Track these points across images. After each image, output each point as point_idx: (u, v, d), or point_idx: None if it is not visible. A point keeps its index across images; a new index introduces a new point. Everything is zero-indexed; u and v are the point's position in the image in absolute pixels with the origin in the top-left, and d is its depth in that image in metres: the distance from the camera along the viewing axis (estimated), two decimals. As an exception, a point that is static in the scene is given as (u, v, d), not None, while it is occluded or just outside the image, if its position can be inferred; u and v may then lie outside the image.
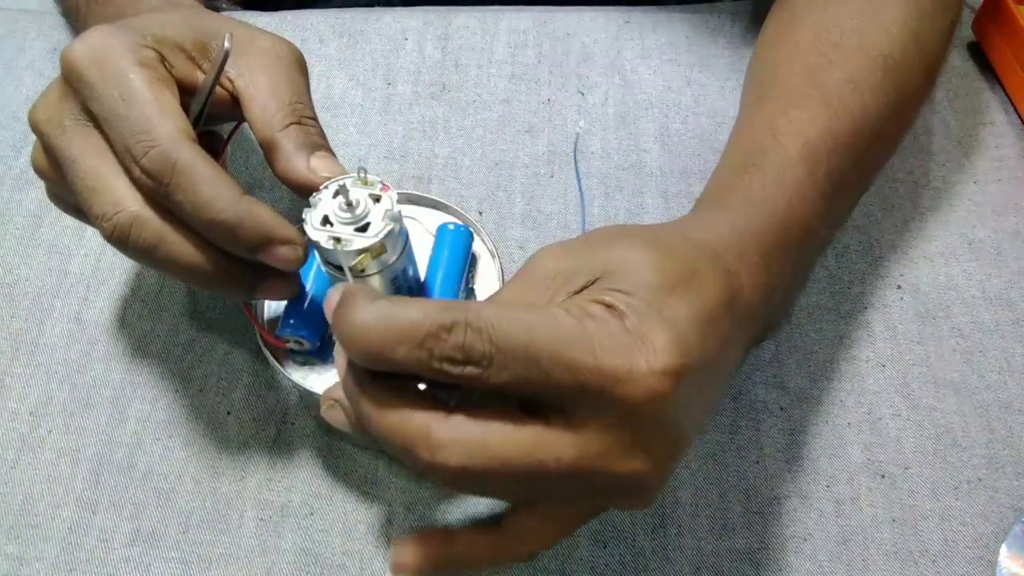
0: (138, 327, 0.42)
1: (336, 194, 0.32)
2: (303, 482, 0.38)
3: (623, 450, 0.26)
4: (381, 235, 0.31)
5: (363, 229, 0.31)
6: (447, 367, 0.25)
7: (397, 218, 0.31)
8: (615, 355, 0.26)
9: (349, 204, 0.31)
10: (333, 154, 0.33)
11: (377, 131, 0.49)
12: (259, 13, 0.54)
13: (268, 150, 0.33)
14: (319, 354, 0.36)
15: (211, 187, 0.30)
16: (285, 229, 0.31)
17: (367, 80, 0.51)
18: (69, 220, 0.46)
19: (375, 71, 0.51)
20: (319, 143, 0.33)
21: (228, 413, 0.40)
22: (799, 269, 0.35)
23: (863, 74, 0.38)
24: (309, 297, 0.35)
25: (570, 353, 0.25)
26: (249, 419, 0.39)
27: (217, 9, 0.54)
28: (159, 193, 0.30)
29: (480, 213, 0.45)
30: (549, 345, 0.25)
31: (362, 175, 0.32)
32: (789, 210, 0.34)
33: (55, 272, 0.44)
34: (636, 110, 0.49)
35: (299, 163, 0.32)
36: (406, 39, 0.53)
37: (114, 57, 0.31)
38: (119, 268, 0.44)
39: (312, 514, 0.37)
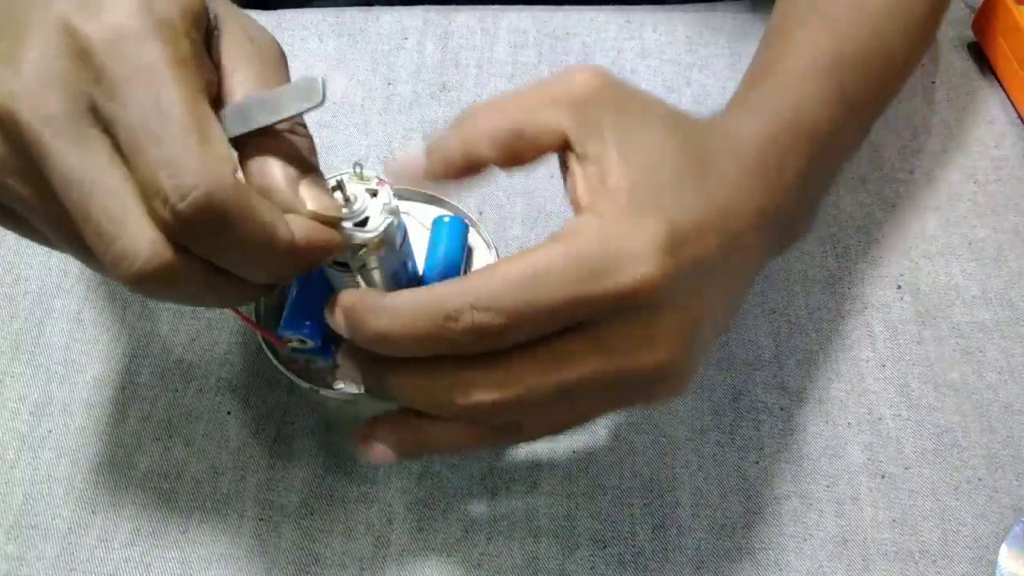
0: (138, 327, 0.42)
1: (334, 190, 0.32)
2: (303, 482, 0.38)
3: (641, 346, 0.28)
4: (381, 229, 0.31)
5: (362, 224, 0.31)
6: (467, 345, 0.27)
7: (395, 212, 0.32)
8: (615, 274, 0.27)
9: (347, 199, 0.31)
10: (321, 176, 0.30)
11: (377, 131, 0.49)
12: (258, 12, 0.54)
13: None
14: (320, 352, 0.36)
15: (264, 233, 0.25)
16: (335, 240, 0.29)
17: (367, 80, 0.51)
18: (69, 220, 0.46)
19: (375, 71, 0.51)
20: (308, 164, 0.30)
21: (228, 413, 0.40)
22: (813, 172, 0.36)
23: (870, 3, 0.40)
24: (309, 296, 0.35)
25: (577, 291, 0.27)
26: (249, 419, 0.39)
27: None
28: (192, 239, 0.25)
29: (480, 213, 0.45)
30: (556, 293, 0.27)
31: (358, 170, 0.32)
32: (799, 111, 0.35)
33: (55, 272, 0.44)
34: (636, 110, 0.49)
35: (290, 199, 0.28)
36: (406, 38, 0.53)
37: (146, 46, 0.24)
38: (119, 268, 0.44)
39: (312, 514, 0.37)
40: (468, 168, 0.30)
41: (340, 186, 0.31)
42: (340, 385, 0.34)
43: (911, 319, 0.42)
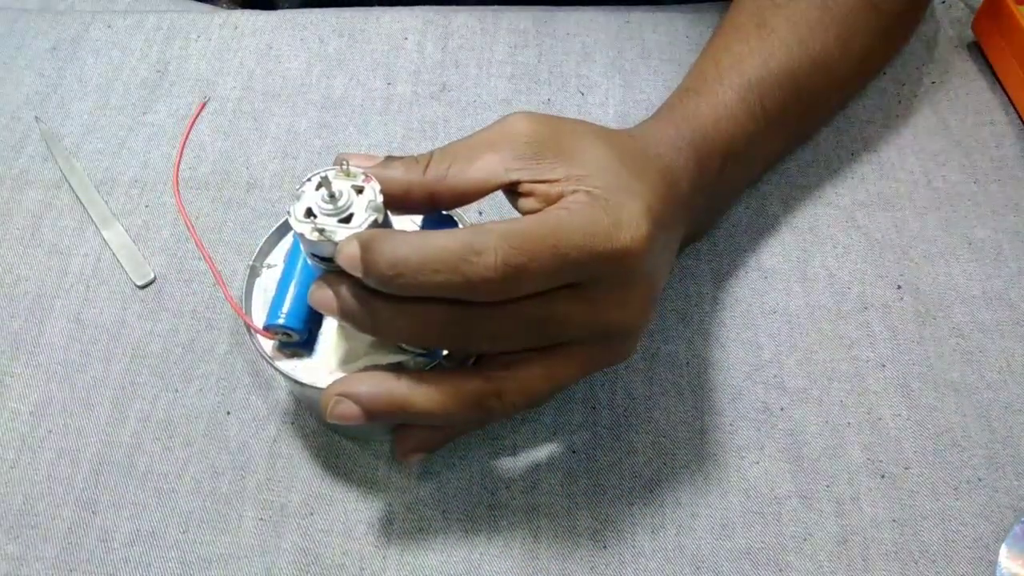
0: (138, 327, 0.42)
1: (319, 186, 0.32)
2: (303, 482, 0.38)
3: (619, 305, 0.32)
4: (364, 226, 0.31)
5: (347, 220, 0.31)
6: (478, 286, 0.29)
7: (380, 208, 0.31)
8: (618, 234, 0.31)
9: (332, 196, 0.31)
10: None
11: (377, 131, 0.49)
12: (258, 12, 0.54)
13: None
14: (307, 346, 0.36)
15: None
16: None
17: (367, 80, 0.51)
18: (69, 220, 0.46)
19: (375, 71, 0.51)
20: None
21: (228, 413, 0.40)
22: (724, 179, 0.40)
23: (803, 14, 0.43)
24: (296, 290, 0.35)
25: (587, 244, 0.30)
26: (249, 419, 0.39)
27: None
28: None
29: (480, 213, 0.45)
30: (573, 242, 0.30)
31: (344, 166, 0.32)
32: (717, 126, 0.39)
33: (55, 272, 0.44)
34: (636, 110, 0.49)
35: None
36: (406, 39, 0.53)
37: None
38: (119, 268, 0.44)
39: (312, 514, 0.37)
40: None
41: (325, 182, 0.31)
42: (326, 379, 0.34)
43: (911, 319, 0.42)
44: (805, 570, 0.36)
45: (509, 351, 0.33)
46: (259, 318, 0.36)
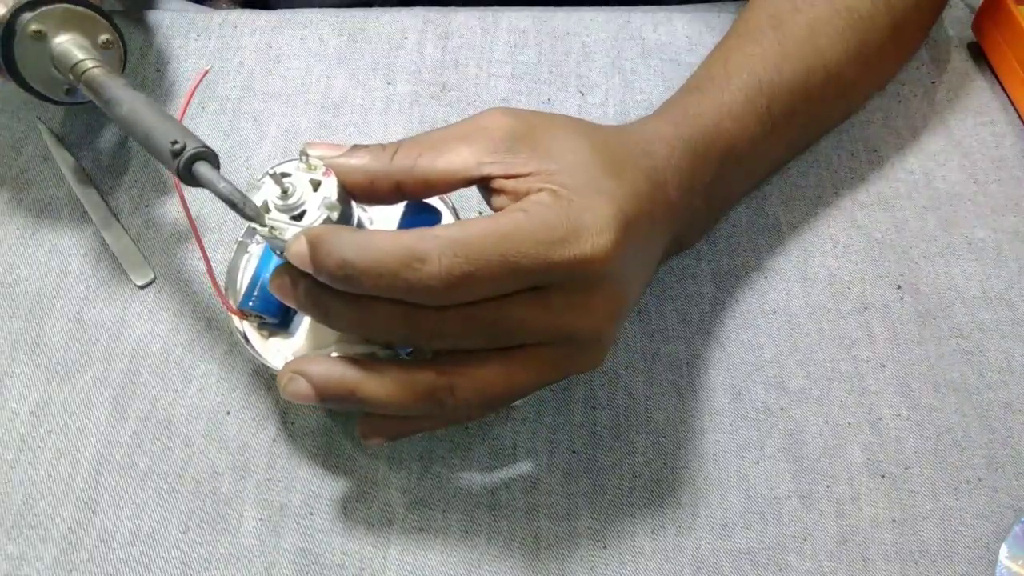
0: (138, 327, 0.42)
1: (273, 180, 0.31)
2: (303, 482, 0.38)
3: (581, 312, 0.31)
4: (315, 224, 0.30)
5: (299, 218, 0.31)
6: (422, 292, 0.29)
7: (335, 206, 0.30)
8: (576, 242, 0.29)
9: (284, 192, 0.30)
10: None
11: (377, 131, 0.49)
12: (258, 12, 0.54)
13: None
14: (286, 326, 0.36)
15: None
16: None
17: (367, 80, 0.51)
18: (69, 220, 0.46)
19: (375, 71, 0.51)
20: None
21: (228, 413, 0.40)
22: (721, 182, 0.39)
23: (823, 21, 0.42)
24: (266, 273, 0.36)
25: (539, 253, 0.29)
26: (249, 419, 0.39)
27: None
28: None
29: (480, 213, 0.45)
30: (522, 251, 0.29)
31: (304, 159, 0.31)
32: (719, 126, 0.38)
33: (55, 272, 0.44)
34: (636, 110, 0.49)
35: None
36: (406, 38, 0.53)
37: None
38: (119, 268, 0.44)
39: (312, 514, 0.37)
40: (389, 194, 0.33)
41: (276, 177, 0.30)
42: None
43: (911, 319, 0.42)
44: (805, 570, 0.36)
45: (465, 350, 0.32)
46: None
